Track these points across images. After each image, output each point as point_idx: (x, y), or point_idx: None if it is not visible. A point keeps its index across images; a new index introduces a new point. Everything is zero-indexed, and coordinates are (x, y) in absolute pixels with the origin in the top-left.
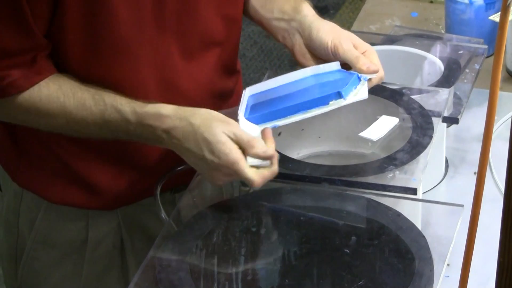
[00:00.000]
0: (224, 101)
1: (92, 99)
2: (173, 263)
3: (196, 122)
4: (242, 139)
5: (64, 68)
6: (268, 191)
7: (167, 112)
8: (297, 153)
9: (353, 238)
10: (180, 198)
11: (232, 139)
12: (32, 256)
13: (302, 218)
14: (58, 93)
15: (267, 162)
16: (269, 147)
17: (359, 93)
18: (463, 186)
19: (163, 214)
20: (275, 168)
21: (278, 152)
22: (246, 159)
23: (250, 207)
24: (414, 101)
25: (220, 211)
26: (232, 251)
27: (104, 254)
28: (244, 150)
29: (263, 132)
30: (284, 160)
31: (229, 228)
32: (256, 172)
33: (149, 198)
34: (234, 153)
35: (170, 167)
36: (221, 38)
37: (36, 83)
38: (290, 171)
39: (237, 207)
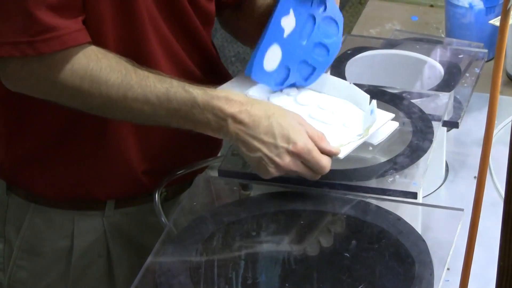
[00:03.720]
0: None
1: (155, 76)
2: (173, 267)
3: (271, 109)
4: (313, 133)
5: None
6: (268, 195)
7: (237, 98)
8: None
9: (353, 242)
10: (180, 202)
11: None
12: (18, 265)
13: (302, 222)
14: (119, 66)
15: None
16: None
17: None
18: (463, 190)
19: (163, 218)
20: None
21: None
22: None
23: (250, 211)
24: (414, 105)
25: (220, 215)
26: (232, 255)
27: (90, 263)
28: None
29: None
30: None
31: (229, 232)
32: (328, 160)
33: (134, 207)
34: (310, 142)
35: (157, 167)
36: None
37: (89, 42)
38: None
39: (237, 211)
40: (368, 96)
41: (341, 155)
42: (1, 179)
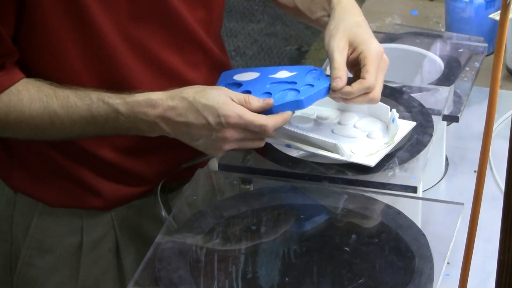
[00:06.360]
0: None
1: (75, 96)
2: (173, 261)
3: (190, 95)
4: (239, 97)
5: (35, 73)
6: (268, 189)
7: (157, 96)
8: (297, 151)
9: (353, 236)
10: (180, 196)
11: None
12: (27, 263)
13: (302, 216)
14: (39, 95)
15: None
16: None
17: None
18: (463, 184)
19: (163, 212)
20: (286, 113)
21: (278, 151)
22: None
23: (250, 205)
24: (414, 99)
25: (220, 209)
26: (232, 249)
27: (100, 257)
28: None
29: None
30: (284, 158)
31: (229, 226)
32: (264, 117)
33: (143, 199)
34: (238, 107)
35: (163, 168)
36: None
37: (9, 86)
38: (290, 169)
39: (237, 205)
40: (387, 107)
41: (372, 163)
42: (9, 188)
